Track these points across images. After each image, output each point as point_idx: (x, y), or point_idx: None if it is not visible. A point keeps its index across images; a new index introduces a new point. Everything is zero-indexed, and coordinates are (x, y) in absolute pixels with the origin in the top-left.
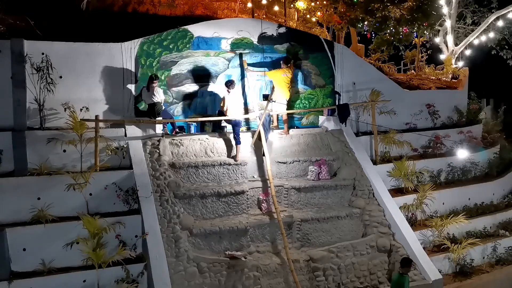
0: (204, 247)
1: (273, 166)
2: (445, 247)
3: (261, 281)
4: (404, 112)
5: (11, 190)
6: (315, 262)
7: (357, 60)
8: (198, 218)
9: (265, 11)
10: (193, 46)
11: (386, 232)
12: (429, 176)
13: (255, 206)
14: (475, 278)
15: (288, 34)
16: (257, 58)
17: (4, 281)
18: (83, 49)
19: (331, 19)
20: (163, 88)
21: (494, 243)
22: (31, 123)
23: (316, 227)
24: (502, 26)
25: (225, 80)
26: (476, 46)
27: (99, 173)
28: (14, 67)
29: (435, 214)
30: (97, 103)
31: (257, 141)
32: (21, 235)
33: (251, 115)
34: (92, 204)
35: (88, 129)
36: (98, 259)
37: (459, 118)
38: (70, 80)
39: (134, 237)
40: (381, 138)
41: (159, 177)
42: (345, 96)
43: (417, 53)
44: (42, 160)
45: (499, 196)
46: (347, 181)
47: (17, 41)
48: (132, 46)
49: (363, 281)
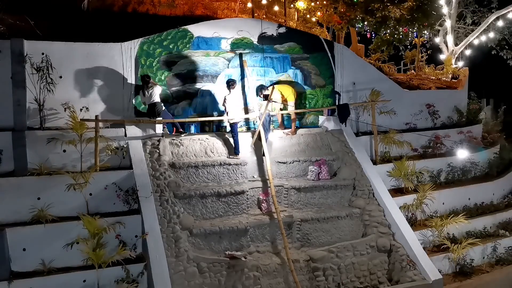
0: (204, 247)
1: (273, 166)
2: (445, 247)
3: (261, 281)
4: (404, 112)
5: (11, 190)
6: (315, 262)
7: (357, 60)
8: (198, 218)
9: (265, 11)
10: (193, 46)
11: (386, 232)
12: (429, 176)
13: (255, 206)
14: (475, 278)
15: (288, 34)
16: (257, 58)
17: (4, 281)
18: (83, 49)
19: (331, 19)
20: (164, 88)
21: (494, 243)
22: (31, 123)
23: (316, 227)
24: (502, 26)
25: (225, 80)
26: (476, 46)
27: (99, 173)
28: (14, 67)
29: (435, 214)
30: (97, 103)
31: (257, 141)
32: (21, 235)
33: (251, 115)
34: (92, 204)
35: (88, 129)
36: (98, 259)
37: (459, 118)
38: (70, 80)
39: (134, 237)
40: (381, 138)
41: (159, 177)
42: (345, 96)
43: (417, 53)
44: (42, 160)
45: (499, 196)
46: (347, 181)
47: (17, 41)
48: (132, 46)
49: (363, 281)
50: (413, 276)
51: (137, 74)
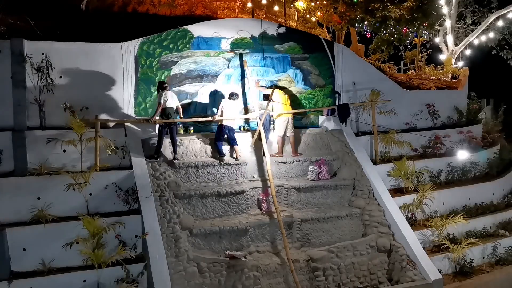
0: (204, 247)
1: (273, 166)
2: (445, 247)
3: (261, 281)
4: (404, 112)
5: (11, 190)
6: (315, 262)
7: (357, 60)
8: (198, 218)
9: (265, 11)
10: (193, 46)
11: (386, 232)
12: (429, 176)
13: (255, 206)
14: (475, 278)
15: (288, 34)
16: (257, 58)
17: (4, 281)
18: (83, 49)
19: (331, 19)
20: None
21: (494, 243)
22: (31, 123)
23: (316, 227)
24: (502, 26)
25: (225, 78)
26: (476, 46)
27: (99, 173)
28: (14, 67)
29: (435, 214)
30: (97, 103)
31: (257, 141)
32: (21, 235)
33: (251, 115)
34: (92, 204)
35: (88, 129)
36: (98, 259)
37: (459, 118)
38: (70, 80)
39: (134, 237)
40: (381, 138)
41: (159, 177)
42: (345, 96)
43: (417, 53)
44: (42, 160)
45: (499, 196)
46: (347, 181)
47: (17, 41)
48: (132, 46)
49: (363, 281)
50: (413, 276)
51: (137, 74)
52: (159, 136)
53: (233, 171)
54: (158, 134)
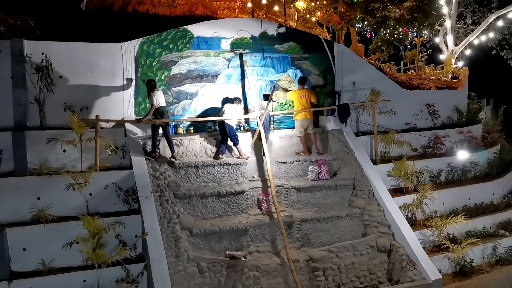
0: (204, 247)
1: (273, 166)
2: (445, 247)
3: (261, 281)
4: (404, 112)
5: (11, 190)
6: (315, 262)
7: (357, 60)
8: (198, 218)
9: (265, 11)
10: (193, 46)
11: (386, 232)
12: (429, 176)
13: (255, 206)
14: (475, 278)
15: (288, 34)
16: (257, 58)
17: (4, 281)
18: (83, 49)
19: (331, 19)
20: (163, 88)
21: (494, 243)
22: (31, 123)
23: (316, 227)
24: (502, 26)
25: (225, 78)
26: (476, 46)
27: (99, 173)
28: (14, 67)
29: (435, 214)
30: (97, 103)
31: (257, 141)
32: (21, 235)
33: (251, 115)
34: (92, 204)
35: (88, 129)
36: (98, 259)
37: (459, 118)
38: (70, 80)
39: (134, 237)
40: (381, 138)
41: (159, 177)
42: (345, 96)
43: (417, 53)
44: (42, 160)
45: (499, 196)
46: (347, 181)
47: (17, 41)
48: (132, 46)
49: (363, 281)
50: (413, 276)
51: (137, 74)
52: (153, 135)
53: (233, 171)
54: (152, 134)
